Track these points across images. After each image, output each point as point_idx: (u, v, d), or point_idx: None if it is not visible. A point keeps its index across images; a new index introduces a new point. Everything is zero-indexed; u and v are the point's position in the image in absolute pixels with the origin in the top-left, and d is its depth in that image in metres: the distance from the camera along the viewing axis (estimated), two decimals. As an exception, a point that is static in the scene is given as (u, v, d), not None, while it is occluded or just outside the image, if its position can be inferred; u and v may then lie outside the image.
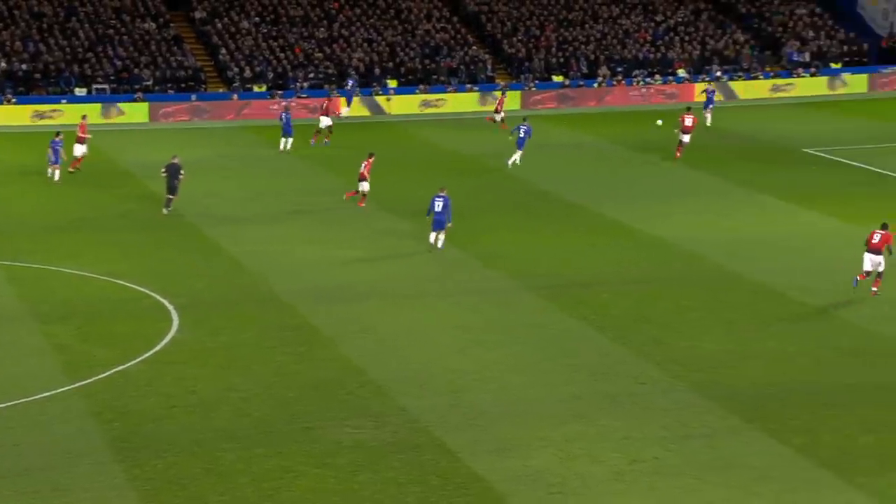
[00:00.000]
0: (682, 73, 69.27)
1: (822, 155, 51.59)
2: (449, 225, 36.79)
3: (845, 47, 72.65)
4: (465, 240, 38.12)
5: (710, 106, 58.99)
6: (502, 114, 57.01)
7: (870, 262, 32.77)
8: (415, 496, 21.82)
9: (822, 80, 68.87)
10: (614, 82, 67.71)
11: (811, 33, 73.42)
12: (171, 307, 31.98)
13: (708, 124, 57.44)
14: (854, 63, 71.55)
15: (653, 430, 24.47)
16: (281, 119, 53.61)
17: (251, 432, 24.37)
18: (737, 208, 42.65)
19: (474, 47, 70.12)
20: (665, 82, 67.93)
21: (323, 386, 26.83)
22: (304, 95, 63.64)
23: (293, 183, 47.20)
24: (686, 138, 50.45)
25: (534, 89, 66.46)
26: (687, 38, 72.13)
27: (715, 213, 41.96)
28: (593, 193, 44.65)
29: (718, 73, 68.93)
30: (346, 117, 60.45)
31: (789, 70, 69.95)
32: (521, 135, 48.83)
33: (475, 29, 72.38)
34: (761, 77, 68.84)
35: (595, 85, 67.45)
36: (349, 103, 62.51)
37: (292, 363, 28.26)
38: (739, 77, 68.83)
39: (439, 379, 27.28)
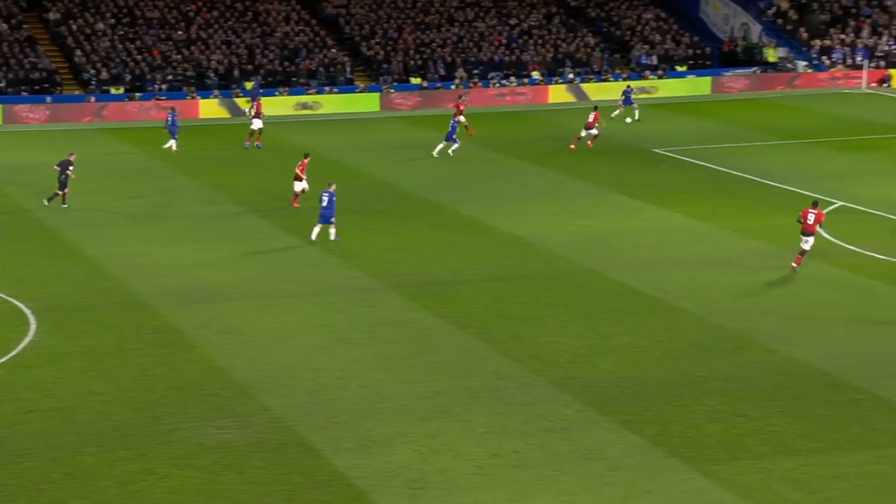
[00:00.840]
0: (536, 75, 69.99)
1: (671, 154, 52.56)
2: (333, 219, 37.25)
3: (690, 51, 74.19)
4: (327, 240, 37.95)
5: (631, 104, 60.56)
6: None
7: (807, 242, 34.34)
8: (279, 495, 21.67)
9: (672, 83, 70.15)
10: (471, 84, 68.12)
11: (658, 37, 74.83)
12: (28, 312, 31.25)
13: (633, 119, 59.76)
14: (698, 66, 73.13)
15: (513, 425, 24.67)
16: (167, 120, 53.07)
17: (112, 435, 23.95)
18: (591, 207, 43.23)
19: (333, 50, 69.92)
20: (520, 84, 68.58)
21: (186, 387, 26.47)
22: (163, 97, 62.80)
23: (153, 185, 46.49)
24: (583, 133, 52.86)
25: (392, 91, 66.55)
26: (540, 41, 72.92)
27: (570, 211, 42.46)
28: (452, 193, 44.84)
29: (571, 76, 69.82)
30: (206, 119, 59.76)
31: (638, 73, 71.16)
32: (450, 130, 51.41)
33: (334, 31, 72.21)
34: (611, 79, 69.90)
35: (452, 87, 67.78)
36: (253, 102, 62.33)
37: (154, 366, 27.83)
38: (590, 79, 69.81)
39: (302, 378, 27.13)
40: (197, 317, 31.14)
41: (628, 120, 60.09)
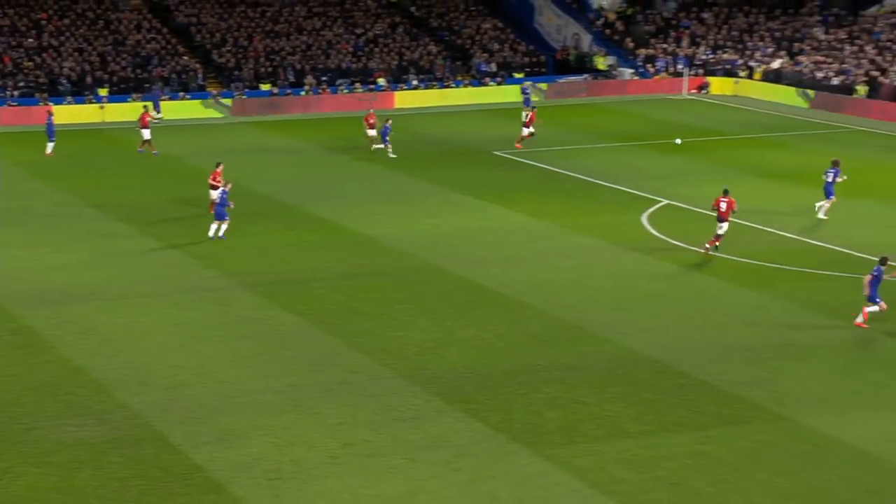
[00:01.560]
0: (381, 81, 69.99)
1: (510, 157, 53.07)
2: (226, 217, 37.80)
3: (527, 59, 75.06)
4: (184, 241, 37.41)
5: (528, 105, 61.40)
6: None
7: (721, 228, 36.20)
8: (137, 489, 21.27)
9: (511, 89, 70.82)
10: (320, 90, 67.84)
11: (496, 46, 75.52)
12: None
13: (524, 119, 60.16)
14: (535, 73, 74.06)
15: (364, 416, 24.64)
16: (47, 123, 51.94)
17: (-30, 436, 23.22)
18: (437, 207, 43.39)
19: (185, 57, 68.88)
20: (367, 90, 68.51)
21: (43, 387, 25.80)
22: (14, 104, 61.14)
23: (9, 189, 45.13)
24: (525, 131, 54.39)
25: (244, 97, 65.86)
26: (385, 49, 72.96)
27: (417, 211, 42.56)
28: (305, 195, 44.57)
29: (415, 82, 70.00)
30: (60, 125, 58.27)
31: (478, 79, 71.72)
32: (384, 131, 51.95)
33: (185, 39, 71.14)
34: (453, 85, 70.27)
35: (302, 93, 67.41)
36: (157, 108, 61.02)
37: (10, 366, 27.06)
38: (434, 85, 70.10)
39: (159, 375, 26.68)
40: (54, 318, 30.38)
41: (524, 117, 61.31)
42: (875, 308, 29.89)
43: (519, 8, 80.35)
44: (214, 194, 39.47)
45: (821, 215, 41.23)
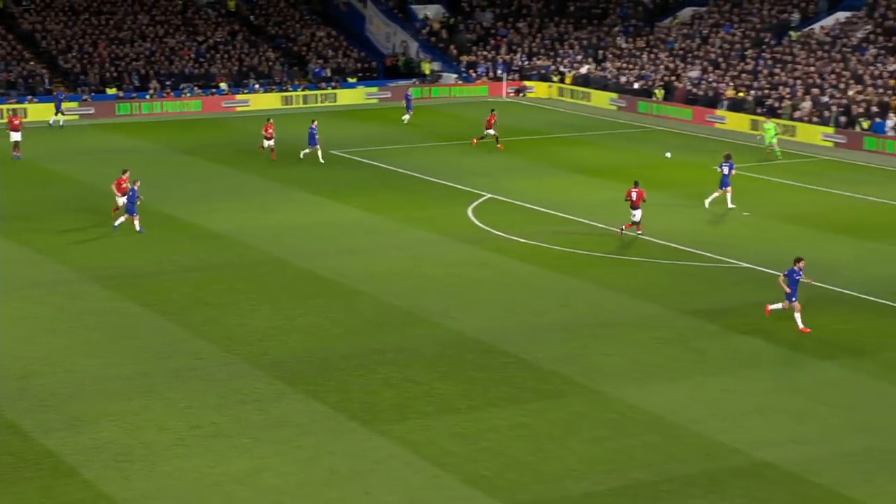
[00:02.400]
0: (223, 86, 69.02)
1: (345, 155, 52.98)
2: (136, 213, 37.44)
3: (359, 64, 74.99)
4: (32, 237, 36.29)
5: (410, 109, 61.58)
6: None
7: (634, 215, 37.08)
8: (-8, 476, 20.62)
9: (345, 92, 70.67)
10: (164, 94, 66.54)
11: (331, 52, 75.24)
12: None
13: (406, 121, 60.69)
14: (367, 77, 74.07)
15: (211, 399, 24.36)
16: None
17: None
18: (278, 203, 43.06)
19: (31, 62, 66.71)
20: (208, 94, 67.51)
21: None
22: None
23: None
24: (490, 131, 53.56)
25: (90, 100, 64.17)
26: (226, 55, 71.95)
27: (259, 207, 42.16)
28: (153, 193, 43.60)
29: (256, 86, 69.23)
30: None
31: (315, 84, 71.35)
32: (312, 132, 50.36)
33: (31, 45, 68.89)
34: (290, 89, 69.76)
35: (147, 97, 66.00)
36: (59, 111, 59.17)
37: None
38: (273, 89, 69.47)
39: (10, 367, 25.86)
40: None
41: (405, 118, 61.45)
42: (779, 306, 28.97)
43: (350, 17, 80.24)
44: (121, 200, 38.22)
45: (729, 205, 41.60)
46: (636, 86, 67.97)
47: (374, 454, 21.97)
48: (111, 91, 66.16)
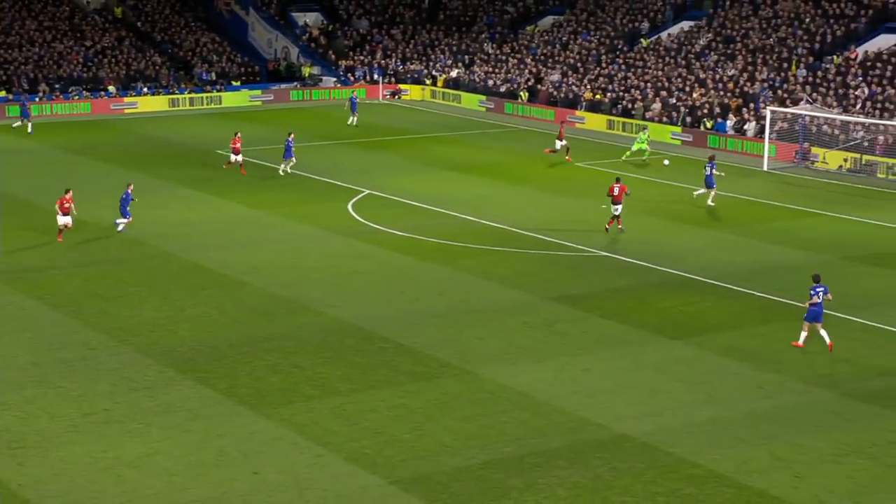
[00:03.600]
0: (111, 89, 67.44)
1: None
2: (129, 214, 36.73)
3: (243, 69, 74.01)
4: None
5: (355, 111, 60.58)
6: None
7: (616, 210, 36.71)
8: None
9: (229, 95, 69.69)
10: (54, 97, 64.67)
11: (215, 57, 74.10)
12: None
13: (355, 124, 59.55)
14: (250, 81, 73.15)
15: (103, 387, 23.81)
16: None
17: None
18: (166, 200, 42.26)
19: (-79, 65, 64.30)
20: (96, 97, 65.90)
21: None
22: None
23: None
24: (558, 144, 50.99)
25: (-19, 102, 62.19)
26: (114, 60, 70.28)
27: (147, 204, 41.22)
28: (42, 192, 42.43)
29: (145, 90, 67.81)
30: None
31: (201, 87, 70.20)
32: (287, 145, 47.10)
33: (-78, 49, 66.36)
34: (177, 92, 68.51)
35: (36, 99, 64.04)
36: (24, 115, 57.17)
37: None
38: (160, 92, 68.12)
39: None
40: None
41: (351, 121, 60.39)
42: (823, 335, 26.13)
43: (234, 24, 79.15)
44: (62, 220, 35.09)
45: (709, 202, 41.71)
46: (503, 88, 68.54)
47: (262, 436, 21.75)
48: (1, 94, 64.04)
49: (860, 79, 54.34)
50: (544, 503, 19.25)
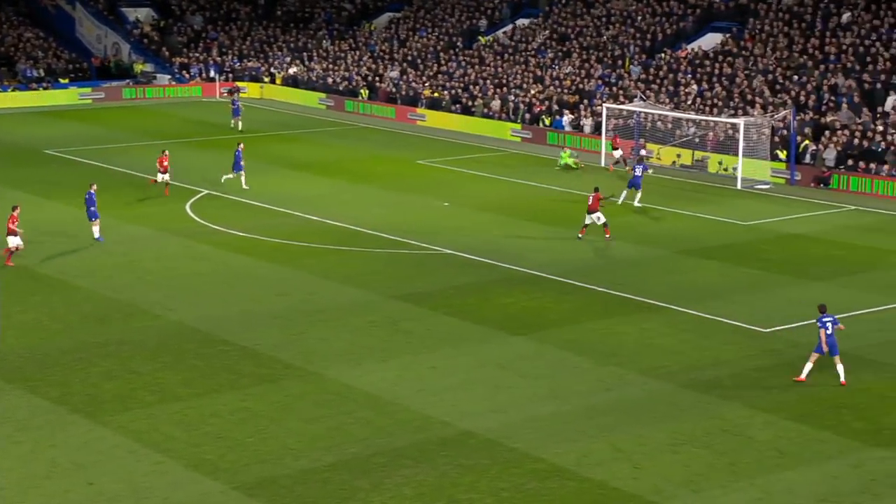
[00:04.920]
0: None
1: (60, 154, 50.68)
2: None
3: (71, 65, 71.79)
4: None
5: (237, 115, 58.09)
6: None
7: (589, 219, 36.15)
8: None
9: (56, 93, 67.53)
10: None
11: (41, 53, 71.67)
12: None
13: (240, 128, 57.12)
14: (79, 78, 71.03)
15: (-75, 401, 22.73)
16: None
17: None
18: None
19: None
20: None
21: None
22: None
23: None
24: (616, 153, 49.26)
25: None
26: (-68, 54, 67.24)
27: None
28: None
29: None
30: None
31: (25, 84, 67.81)
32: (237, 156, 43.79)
33: None
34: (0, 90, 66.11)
35: None
36: None
37: None
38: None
39: None
40: None
41: (234, 124, 58.27)
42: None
43: (59, 19, 76.65)
44: (13, 242, 32.48)
45: (636, 203, 41.65)
46: (342, 86, 68.38)
47: (97, 445, 21.18)
48: None
49: (690, 76, 56.34)
50: (390, 503, 19.33)
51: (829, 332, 24.36)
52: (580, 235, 36.88)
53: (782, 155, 47.64)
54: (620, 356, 26.31)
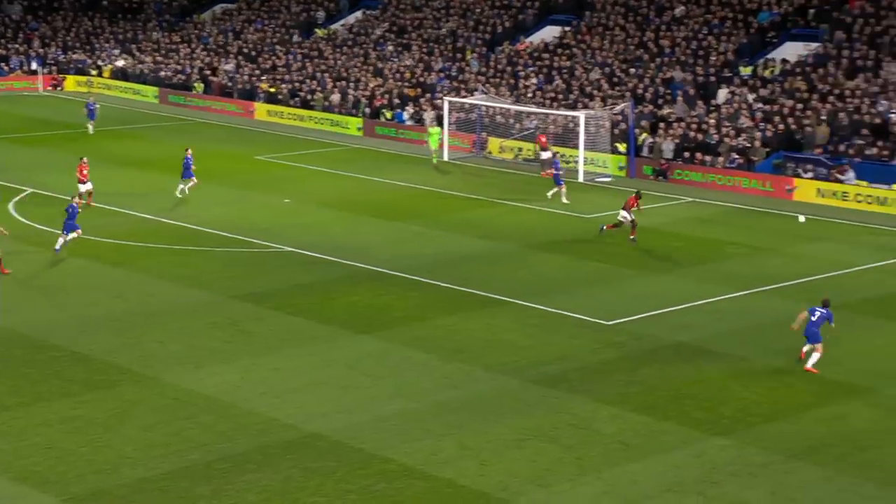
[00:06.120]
0: None
1: None
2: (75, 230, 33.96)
3: None
4: None
5: (93, 119, 55.29)
6: None
7: (623, 216, 36.22)
8: None
9: None
10: None
11: None
12: None
13: (91, 132, 54.19)
14: None
15: None
16: None
17: None
18: None
19: None
20: None
21: None
22: None
23: None
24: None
25: None
26: None
27: None
28: None
29: None
30: None
31: None
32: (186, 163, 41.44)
33: None
34: None
35: None
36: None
37: None
38: None
39: None
40: None
41: (89, 128, 55.26)
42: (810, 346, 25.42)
43: None
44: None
45: (563, 199, 41.28)
46: (175, 79, 67.00)
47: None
48: None
49: (529, 69, 57.28)
50: (235, 510, 19.08)
51: (813, 318, 25.15)
52: (605, 228, 36.98)
53: (622, 148, 48.91)
54: (467, 352, 26.57)
